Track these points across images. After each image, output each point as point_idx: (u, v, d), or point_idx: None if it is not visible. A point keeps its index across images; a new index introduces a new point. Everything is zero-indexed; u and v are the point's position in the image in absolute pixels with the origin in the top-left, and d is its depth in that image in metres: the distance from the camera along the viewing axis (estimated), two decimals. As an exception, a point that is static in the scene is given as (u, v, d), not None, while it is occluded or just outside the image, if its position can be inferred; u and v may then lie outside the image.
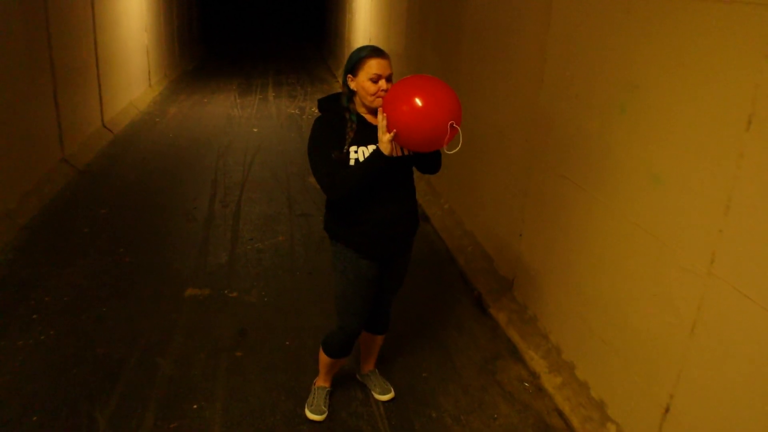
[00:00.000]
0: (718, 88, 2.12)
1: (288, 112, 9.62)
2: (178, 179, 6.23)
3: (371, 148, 2.43)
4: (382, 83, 2.40)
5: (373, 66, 2.39)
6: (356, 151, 2.43)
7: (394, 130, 2.25)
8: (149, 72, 10.56)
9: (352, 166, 2.42)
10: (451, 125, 2.20)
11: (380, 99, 2.40)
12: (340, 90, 2.56)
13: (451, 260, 4.58)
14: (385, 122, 2.28)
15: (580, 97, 3.00)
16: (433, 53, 5.56)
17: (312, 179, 6.17)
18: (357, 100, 2.49)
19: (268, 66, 14.85)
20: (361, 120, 2.48)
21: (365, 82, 2.40)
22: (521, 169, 3.71)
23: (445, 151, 2.33)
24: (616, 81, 2.68)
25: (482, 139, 4.32)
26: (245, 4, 23.49)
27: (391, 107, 2.27)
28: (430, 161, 2.59)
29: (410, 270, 2.85)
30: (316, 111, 3.36)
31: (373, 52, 2.42)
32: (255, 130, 8.38)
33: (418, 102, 2.21)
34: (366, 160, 2.38)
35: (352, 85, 2.46)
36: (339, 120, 2.47)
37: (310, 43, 20.10)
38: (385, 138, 2.29)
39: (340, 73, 2.59)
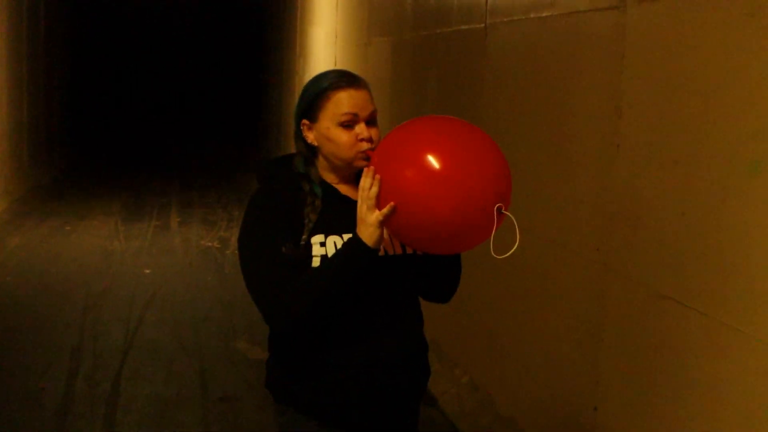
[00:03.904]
0: None
1: (202, 245, 9.93)
2: (15, 346, 6.25)
3: (348, 237, 2.36)
4: (361, 129, 2.38)
5: (343, 102, 2.37)
6: (323, 244, 2.39)
7: (391, 204, 2.18)
8: (-21, 187, 10.67)
9: (315, 267, 2.35)
10: (498, 209, 2.09)
11: (361, 157, 2.37)
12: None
13: (476, 464, 4.48)
14: (375, 190, 2.21)
15: (684, 165, 3.00)
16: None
17: (240, 343, 6.15)
18: (320, 161, 2.48)
19: (172, 177, 15.25)
20: (329, 192, 2.46)
21: (333, 130, 2.38)
22: (590, 295, 3.69)
23: (494, 254, 2.19)
24: (742, 129, 2.68)
25: (521, 255, 4.27)
26: (140, 90, 24.44)
27: (388, 167, 2.18)
28: (446, 271, 2.55)
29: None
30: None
31: (340, 78, 2.41)
32: (147, 271, 8.69)
33: (438, 161, 2.10)
34: (338, 254, 2.33)
35: (311, 137, 2.45)
36: (293, 194, 2.44)
37: (238, 143, 20.69)
38: (371, 217, 2.23)
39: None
